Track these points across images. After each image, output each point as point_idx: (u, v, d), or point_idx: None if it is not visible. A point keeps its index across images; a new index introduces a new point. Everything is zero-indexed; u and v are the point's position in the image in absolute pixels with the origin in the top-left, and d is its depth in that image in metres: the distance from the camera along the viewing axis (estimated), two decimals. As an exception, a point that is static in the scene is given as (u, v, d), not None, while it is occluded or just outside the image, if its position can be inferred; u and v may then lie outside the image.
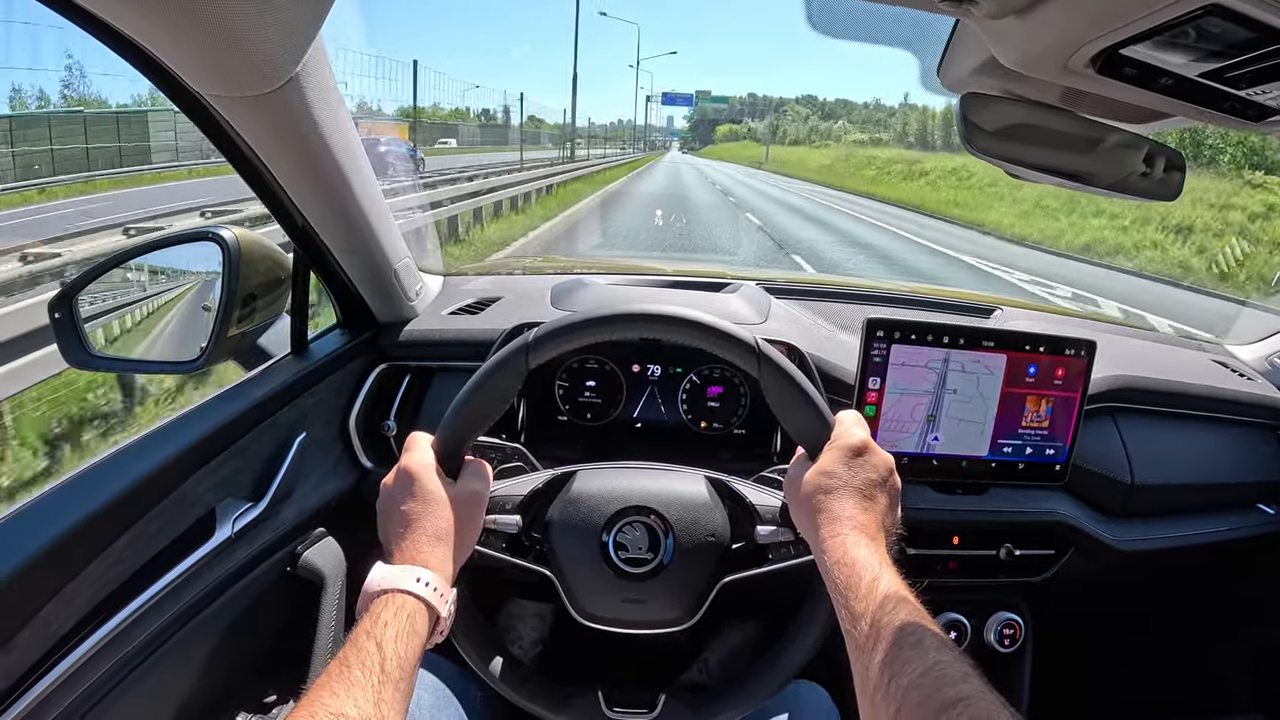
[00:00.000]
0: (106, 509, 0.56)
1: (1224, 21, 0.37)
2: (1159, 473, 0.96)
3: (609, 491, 0.62)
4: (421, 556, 0.52)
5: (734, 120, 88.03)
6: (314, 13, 0.52)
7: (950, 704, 0.39)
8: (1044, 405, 0.85)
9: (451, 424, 0.58)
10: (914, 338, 0.81)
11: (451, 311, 0.97)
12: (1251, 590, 1.12)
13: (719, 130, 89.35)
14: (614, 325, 0.59)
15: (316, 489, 0.80)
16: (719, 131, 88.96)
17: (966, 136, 0.54)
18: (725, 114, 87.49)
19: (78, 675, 0.53)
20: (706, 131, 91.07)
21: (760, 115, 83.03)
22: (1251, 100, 0.46)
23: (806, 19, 0.53)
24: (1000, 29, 0.45)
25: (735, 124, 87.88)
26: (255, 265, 0.74)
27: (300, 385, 0.78)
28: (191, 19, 0.45)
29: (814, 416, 0.59)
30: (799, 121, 72.10)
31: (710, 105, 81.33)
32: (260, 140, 0.61)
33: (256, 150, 0.62)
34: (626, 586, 0.60)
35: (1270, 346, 1.16)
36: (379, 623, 0.47)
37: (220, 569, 0.66)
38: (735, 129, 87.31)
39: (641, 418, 0.95)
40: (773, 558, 0.62)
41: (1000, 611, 0.94)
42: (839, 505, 0.53)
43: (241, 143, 0.61)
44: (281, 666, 0.77)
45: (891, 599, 0.46)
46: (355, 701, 0.42)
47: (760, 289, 1.07)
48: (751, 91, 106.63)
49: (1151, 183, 0.60)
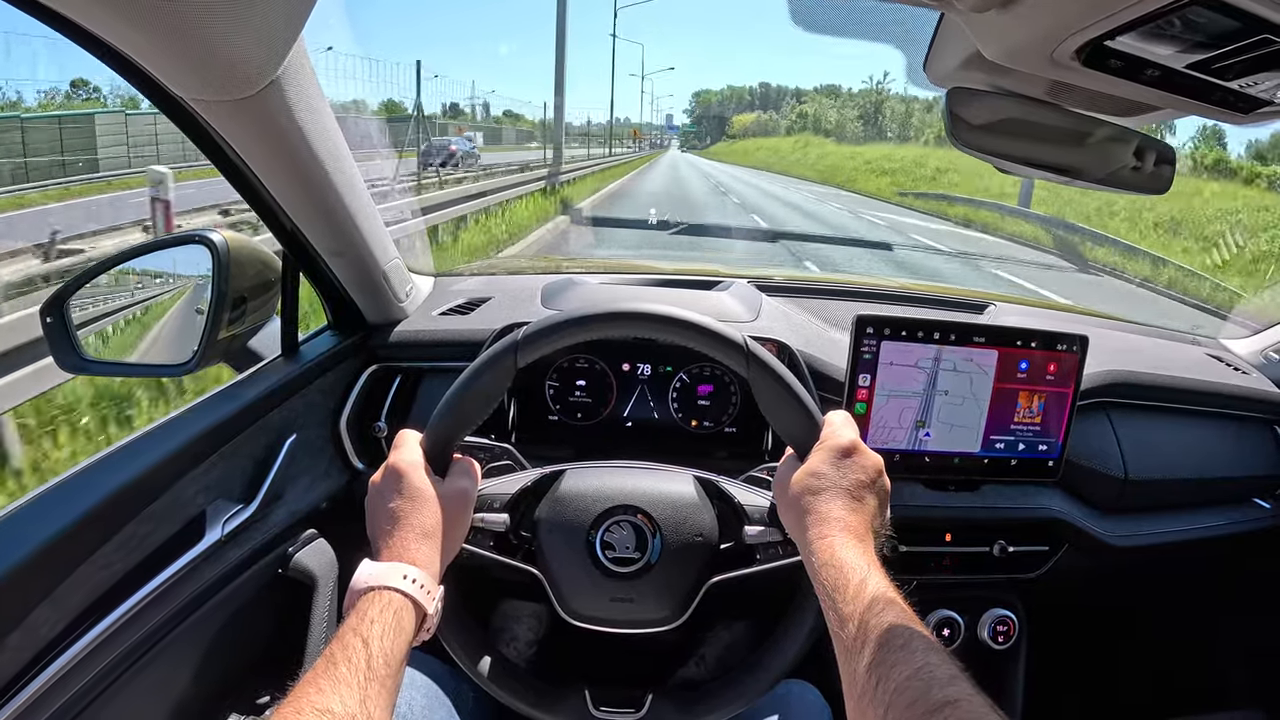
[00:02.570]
0: (96, 512, 0.56)
1: (1210, 11, 0.36)
2: (1153, 468, 0.96)
3: (596, 490, 0.62)
4: (409, 554, 0.52)
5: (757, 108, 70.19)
6: (294, 16, 0.52)
7: (939, 706, 0.39)
8: (1037, 401, 0.84)
9: (440, 422, 0.58)
10: (904, 334, 0.81)
11: (442, 312, 0.97)
12: (1247, 585, 1.12)
13: (739, 121, 67.07)
14: (602, 324, 0.59)
15: (308, 491, 0.80)
16: (739, 123, 66.62)
17: (953, 131, 0.54)
18: (733, 107, 74.32)
19: (69, 677, 0.53)
20: (713, 127, 73.37)
21: (775, 107, 70.26)
22: (1240, 92, 0.45)
23: (790, 15, 0.52)
24: (984, 22, 0.45)
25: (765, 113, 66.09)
26: (245, 268, 0.74)
27: (291, 387, 0.78)
28: (171, 24, 0.45)
29: (803, 417, 0.58)
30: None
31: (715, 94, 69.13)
32: (244, 144, 0.61)
33: (241, 154, 0.62)
34: (614, 586, 0.59)
35: (1265, 340, 1.15)
36: (365, 620, 0.47)
37: (211, 571, 0.66)
38: (768, 119, 63.54)
39: (632, 417, 0.94)
40: (761, 558, 0.62)
41: (994, 608, 0.94)
42: (827, 506, 0.53)
43: (226, 146, 0.61)
44: (274, 667, 0.77)
45: (879, 601, 0.46)
46: (341, 698, 0.42)
47: (752, 287, 1.07)
48: (764, 81, 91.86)
49: (1142, 176, 0.60)
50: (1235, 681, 1.16)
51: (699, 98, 76.22)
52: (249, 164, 0.63)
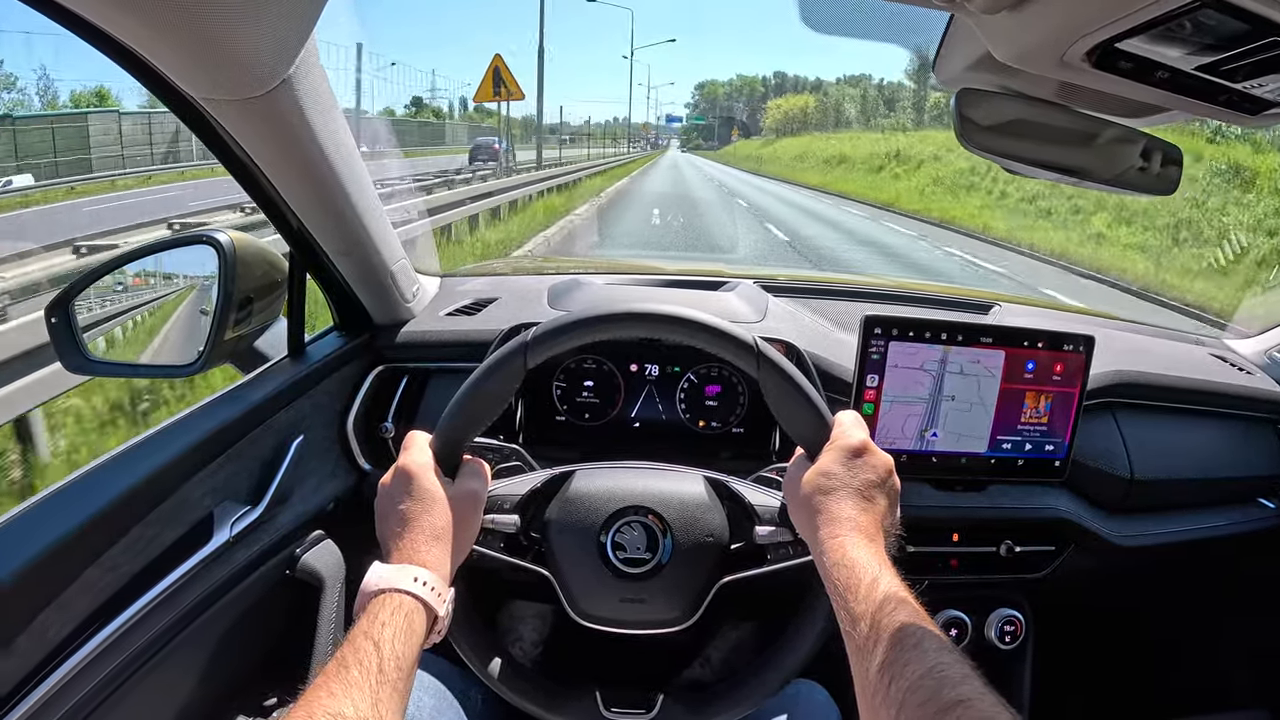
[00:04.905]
0: (104, 514, 0.56)
1: (1219, 14, 0.37)
2: (1159, 468, 0.96)
3: (607, 491, 0.62)
4: (419, 556, 0.52)
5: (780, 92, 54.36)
6: (306, 15, 0.52)
7: (951, 706, 0.39)
8: (1043, 401, 0.84)
9: (449, 424, 0.58)
10: (911, 334, 0.81)
11: (448, 313, 0.97)
12: (1252, 585, 1.12)
13: (776, 109, 48.50)
14: (611, 325, 0.59)
15: (315, 492, 0.80)
16: (775, 114, 48.18)
17: (962, 132, 0.54)
18: (744, 104, 65.21)
19: (77, 680, 0.53)
20: (721, 129, 60.56)
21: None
22: (1248, 93, 0.46)
23: (800, 15, 0.52)
24: (994, 24, 0.45)
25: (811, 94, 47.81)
26: (251, 268, 0.74)
27: (297, 388, 0.78)
28: (183, 22, 0.45)
29: (813, 416, 0.58)
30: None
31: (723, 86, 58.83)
32: (253, 143, 0.61)
33: (250, 153, 0.62)
34: (624, 586, 0.59)
35: (1270, 340, 1.15)
36: (376, 623, 0.47)
37: (219, 572, 0.66)
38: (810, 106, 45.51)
39: (640, 417, 0.94)
40: (771, 558, 0.62)
41: (1001, 608, 0.94)
42: (838, 506, 0.53)
43: (235, 146, 0.61)
44: (281, 669, 0.77)
45: (891, 600, 0.46)
46: (353, 701, 0.42)
47: (758, 287, 1.07)
48: (779, 70, 74.99)
49: (1149, 177, 0.60)
50: (1240, 682, 1.16)
51: (703, 90, 67.97)
52: (258, 163, 0.63)
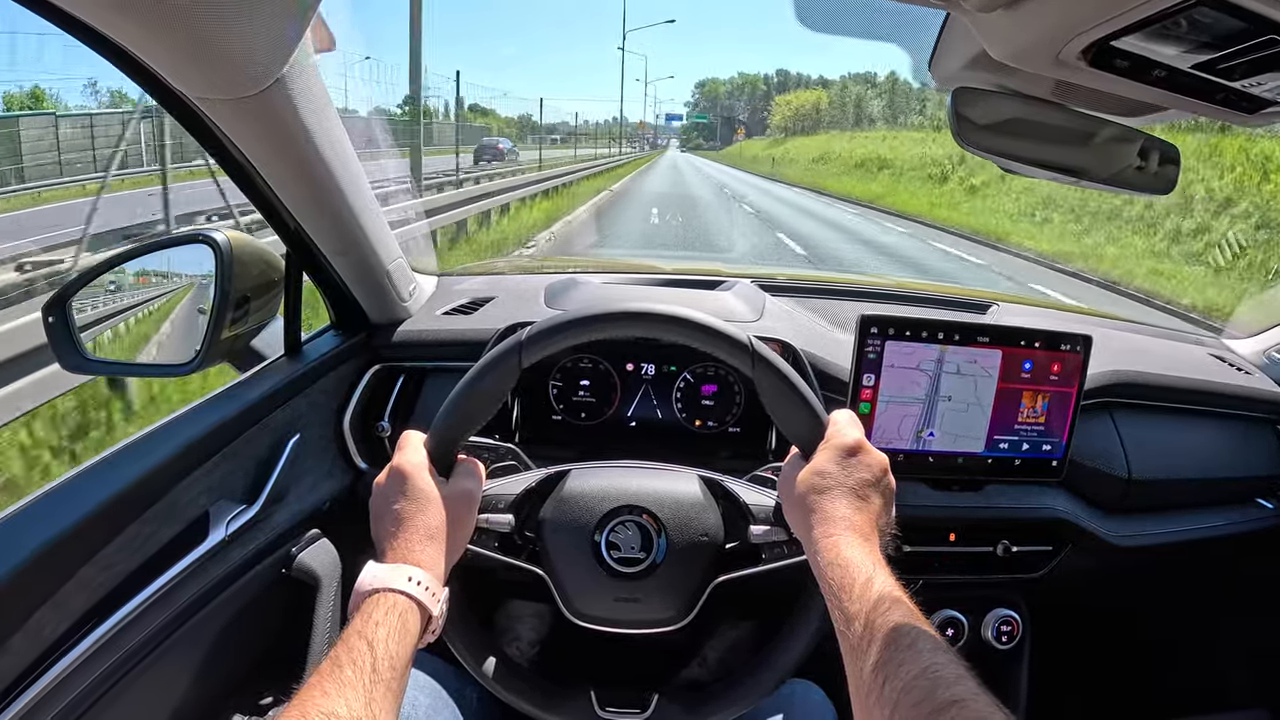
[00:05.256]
0: (100, 512, 0.56)
1: (1216, 12, 0.36)
2: (1156, 468, 0.95)
3: (601, 490, 0.62)
4: (413, 556, 0.52)
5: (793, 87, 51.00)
6: (298, 14, 0.52)
7: (945, 706, 0.39)
8: (1040, 401, 0.84)
9: (444, 423, 0.58)
10: (908, 334, 0.81)
11: (445, 312, 0.97)
12: (1249, 585, 1.12)
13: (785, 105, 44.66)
14: (607, 324, 0.59)
15: (311, 491, 0.80)
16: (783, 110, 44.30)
17: (959, 131, 0.54)
18: (745, 103, 63.04)
19: (72, 678, 0.53)
20: (722, 128, 60.16)
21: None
22: (1245, 92, 0.45)
23: (795, 14, 0.52)
24: (990, 22, 0.45)
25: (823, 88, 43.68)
26: (248, 267, 0.74)
27: (294, 387, 0.78)
28: (176, 22, 0.45)
29: (808, 416, 0.58)
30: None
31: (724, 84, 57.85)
32: (248, 142, 0.61)
33: (245, 152, 0.62)
34: (619, 586, 0.59)
35: (1268, 340, 1.15)
36: (370, 622, 0.47)
37: (214, 571, 0.66)
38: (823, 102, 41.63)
39: (636, 417, 0.94)
40: (766, 558, 0.62)
41: (998, 608, 0.94)
42: (833, 505, 0.53)
43: (230, 145, 0.61)
44: (277, 668, 0.77)
45: (885, 600, 0.46)
46: (346, 701, 0.42)
47: (755, 286, 1.07)
48: (781, 68, 73.31)
49: (1146, 176, 0.60)
50: (1238, 682, 1.16)
51: (704, 88, 66.57)
52: (253, 163, 0.63)
